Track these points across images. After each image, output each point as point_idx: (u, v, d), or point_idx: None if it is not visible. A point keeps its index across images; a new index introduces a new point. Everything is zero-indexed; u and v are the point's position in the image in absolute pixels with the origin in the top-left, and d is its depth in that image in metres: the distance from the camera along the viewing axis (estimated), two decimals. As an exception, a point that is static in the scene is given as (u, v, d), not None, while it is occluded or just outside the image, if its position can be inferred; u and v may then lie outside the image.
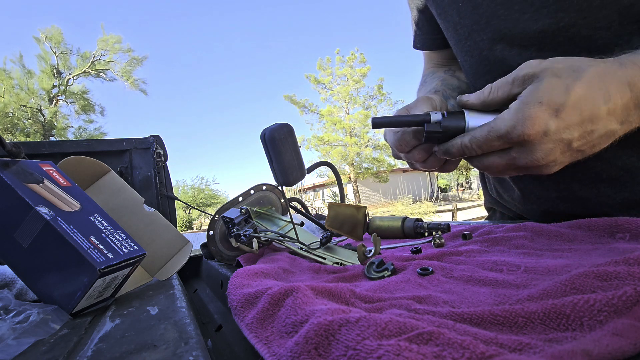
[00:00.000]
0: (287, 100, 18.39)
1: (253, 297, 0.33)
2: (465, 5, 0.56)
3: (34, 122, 16.37)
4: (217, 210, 0.61)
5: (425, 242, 0.60)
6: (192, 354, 0.25)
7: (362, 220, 0.65)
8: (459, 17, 0.58)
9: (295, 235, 0.58)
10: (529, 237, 0.45)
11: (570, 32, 0.46)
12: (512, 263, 0.35)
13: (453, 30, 0.61)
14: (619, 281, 0.24)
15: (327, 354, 0.20)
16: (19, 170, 0.43)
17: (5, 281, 0.48)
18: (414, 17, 0.75)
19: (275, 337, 0.26)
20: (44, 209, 0.40)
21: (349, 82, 17.99)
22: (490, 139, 0.39)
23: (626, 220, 0.39)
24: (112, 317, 0.37)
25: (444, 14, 0.62)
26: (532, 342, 0.19)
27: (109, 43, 17.63)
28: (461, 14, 0.57)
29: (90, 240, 0.41)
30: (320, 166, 0.80)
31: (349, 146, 17.50)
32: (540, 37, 0.49)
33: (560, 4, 0.46)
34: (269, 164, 0.51)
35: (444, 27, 0.64)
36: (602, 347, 0.17)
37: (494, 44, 0.54)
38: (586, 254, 0.35)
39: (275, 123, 0.51)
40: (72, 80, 17.71)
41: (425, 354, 0.17)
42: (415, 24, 0.76)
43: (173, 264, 0.61)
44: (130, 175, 1.13)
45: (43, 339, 0.32)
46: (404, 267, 0.41)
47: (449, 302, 0.28)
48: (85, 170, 0.62)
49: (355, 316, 0.21)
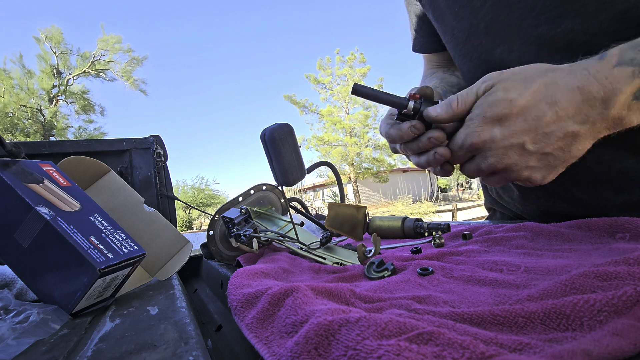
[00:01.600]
0: (287, 100, 18.40)
1: (253, 297, 0.33)
2: (463, 9, 0.57)
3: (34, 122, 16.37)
4: (217, 210, 0.61)
5: (425, 242, 0.60)
6: (192, 354, 0.25)
7: (362, 220, 0.65)
8: (456, 21, 0.59)
9: (295, 235, 0.58)
10: (529, 237, 0.45)
11: (569, 38, 0.47)
12: (512, 263, 0.35)
13: (450, 34, 0.62)
14: (619, 281, 0.24)
15: (327, 354, 0.20)
16: (19, 170, 0.43)
17: (5, 281, 0.48)
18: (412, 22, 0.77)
19: (275, 337, 0.26)
20: (44, 209, 0.40)
21: (349, 82, 17.98)
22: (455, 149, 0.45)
23: (626, 220, 0.39)
24: (112, 317, 0.37)
25: (440, 18, 0.64)
26: (532, 342, 0.19)
27: (109, 43, 17.63)
28: (458, 18, 0.58)
29: (90, 240, 0.41)
30: (320, 166, 0.80)
31: (349, 146, 17.50)
32: (540, 42, 0.49)
33: (559, 10, 0.47)
34: (269, 164, 0.51)
35: (441, 31, 0.65)
36: (602, 347, 0.17)
37: (493, 47, 0.55)
38: (586, 254, 0.36)
39: (275, 123, 0.51)
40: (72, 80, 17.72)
41: (425, 354, 0.17)
42: (414, 29, 0.78)
43: (173, 264, 0.61)
44: (130, 175, 1.13)
45: (43, 339, 0.32)
46: (404, 267, 0.41)
47: (449, 302, 0.28)
48: (85, 170, 0.62)
49: (355, 316, 0.21)
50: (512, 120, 0.40)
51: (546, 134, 0.39)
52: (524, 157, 0.41)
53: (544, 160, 0.41)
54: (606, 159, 0.50)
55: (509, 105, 0.40)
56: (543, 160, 0.41)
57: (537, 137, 0.40)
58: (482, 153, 0.42)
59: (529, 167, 0.42)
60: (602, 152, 0.50)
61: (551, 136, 0.39)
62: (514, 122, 0.40)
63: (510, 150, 0.41)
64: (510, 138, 0.40)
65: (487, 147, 0.41)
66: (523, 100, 0.40)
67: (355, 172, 17.84)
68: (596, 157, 0.51)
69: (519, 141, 0.40)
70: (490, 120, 0.41)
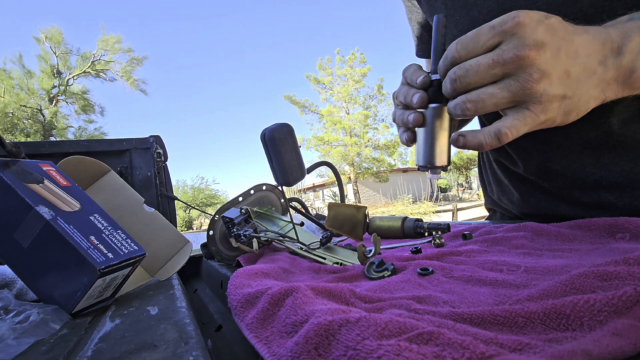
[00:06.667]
0: (287, 100, 18.40)
1: (253, 297, 0.33)
2: (463, 19, 0.57)
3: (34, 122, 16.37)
4: (217, 210, 0.61)
5: (425, 242, 0.60)
6: (192, 354, 0.25)
7: (362, 220, 0.65)
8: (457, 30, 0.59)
9: (295, 235, 0.58)
10: (529, 237, 0.45)
11: None
12: (512, 263, 0.35)
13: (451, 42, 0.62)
14: (619, 281, 0.24)
15: (327, 354, 0.20)
16: (19, 170, 0.43)
17: (5, 281, 0.48)
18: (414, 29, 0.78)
19: (275, 337, 0.26)
20: (44, 209, 0.40)
21: (349, 82, 17.98)
22: (480, 33, 0.37)
23: (626, 220, 0.39)
24: (112, 317, 0.37)
25: None
26: (532, 342, 0.19)
27: (109, 43, 17.63)
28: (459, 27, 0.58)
29: (90, 240, 0.41)
30: (320, 166, 0.80)
31: (349, 146, 17.50)
32: None
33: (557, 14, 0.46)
34: (269, 164, 0.51)
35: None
36: (602, 347, 0.17)
37: None
38: (586, 254, 0.36)
39: (275, 123, 0.51)
40: (72, 80, 17.72)
41: (425, 354, 0.17)
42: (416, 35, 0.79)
43: (173, 264, 0.61)
44: (130, 175, 1.13)
45: (43, 339, 0.32)
46: (404, 267, 0.41)
47: (449, 302, 0.28)
48: (85, 170, 0.62)
49: (355, 316, 0.21)
50: (553, 28, 0.36)
51: (575, 55, 0.36)
52: (555, 61, 0.36)
53: (566, 82, 0.36)
54: (605, 162, 0.50)
55: (548, 31, 0.35)
56: (565, 79, 0.36)
57: (569, 51, 0.36)
58: (521, 71, 0.36)
59: (550, 77, 0.36)
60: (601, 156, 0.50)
61: (576, 61, 0.36)
62: (554, 30, 0.36)
63: (548, 46, 0.35)
64: (551, 34, 0.35)
65: (532, 24, 0.35)
66: (557, 37, 0.36)
67: (355, 172, 17.84)
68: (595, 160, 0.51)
69: (556, 44, 0.35)
70: (533, 43, 0.35)
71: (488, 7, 0.52)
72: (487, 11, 0.53)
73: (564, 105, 0.37)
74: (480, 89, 0.37)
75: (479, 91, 0.37)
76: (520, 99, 0.36)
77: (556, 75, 0.36)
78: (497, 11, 0.51)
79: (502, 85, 0.36)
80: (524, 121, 0.37)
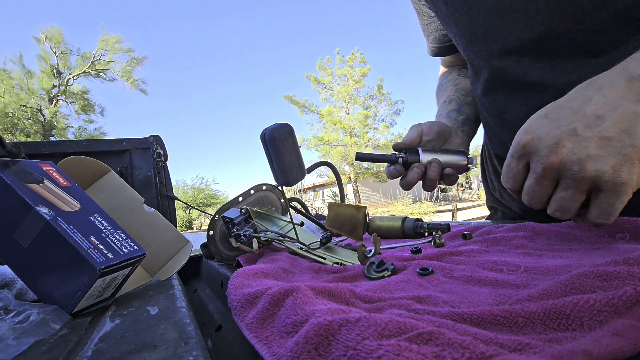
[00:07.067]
0: (287, 100, 18.40)
1: (253, 297, 0.33)
2: (463, 17, 0.57)
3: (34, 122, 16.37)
4: (217, 210, 0.61)
5: (425, 242, 0.60)
6: (192, 354, 0.25)
7: (362, 220, 0.65)
8: (457, 29, 0.60)
9: (295, 235, 0.58)
10: (529, 237, 0.45)
11: (567, 38, 0.47)
12: (512, 263, 0.35)
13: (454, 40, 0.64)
14: (619, 281, 0.24)
15: (327, 354, 0.20)
16: (19, 170, 0.43)
17: (5, 281, 0.48)
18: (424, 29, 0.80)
19: (275, 337, 0.26)
20: (44, 209, 0.40)
21: (349, 82, 17.99)
22: (509, 168, 0.41)
23: (626, 220, 0.39)
24: (112, 317, 0.37)
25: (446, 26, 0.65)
26: (532, 342, 0.19)
27: (109, 43, 17.62)
28: (459, 26, 0.59)
29: (90, 240, 0.41)
30: (320, 166, 0.80)
31: (349, 146, 17.49)
32: (536, 44, 0.50)
33: (554, 12, 0.47)
34: (269, 164, 0.51)
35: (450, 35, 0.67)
36: (602, 347, 0.17)
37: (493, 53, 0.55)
38: (586, 254, 0.35)
39: (275, 123, 0.51)
40: (72, 80, 17.72)
41: (425, 354, 0.17)
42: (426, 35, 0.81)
43: (173, 264, 0.61)
44: (130, 175, 1.13)
45: (43, 339, 0.32)
46: (404, 267, 0.41)
47: (449, 302, 0.28)
48: (85, 170, 0.62)
49: (355, 316, 0.21)
50: (557, 114, 0.37)
51: (598, 117, 0.36)
52: (579, 144, 0.36)
53: (607, 147, 0.35)
54: None
55: (552, 125, 0.37)
56: (605, 146, 0.35)
57: (589, 121, 0.36)
58: (563, 173, 0.37)
59: (590, 157, 0.36)
60: None
61: (605, 118, 0.36)
62: (560, 115, 0.37)
63: (562, 139, 0.36)
64: (558, 128, 0.37)
65: (561, 164, 0.37)
66: (562, 101, 0.38)
67: (355, 172, 17.84)
68: None
69: (569, 127, 0.36)
70: (548, 151, 0.37)
71: (487, 5, 0.52)
72: (487, 9, 0.53)
73: (628, 159, 0.35)
74: (552, 199, 0.39)
75: (553, 202, 0.39)
76: (590, 188, 0.37)
77: (593, 148, 0.35)
78: (496, 9, 0.51)
79: (563, 187, 0.38)
80: (614, 206, 0.36)
